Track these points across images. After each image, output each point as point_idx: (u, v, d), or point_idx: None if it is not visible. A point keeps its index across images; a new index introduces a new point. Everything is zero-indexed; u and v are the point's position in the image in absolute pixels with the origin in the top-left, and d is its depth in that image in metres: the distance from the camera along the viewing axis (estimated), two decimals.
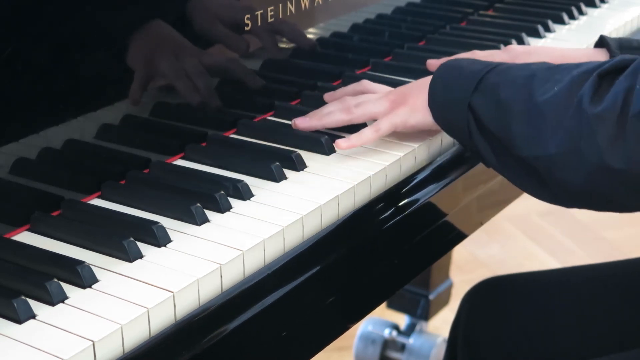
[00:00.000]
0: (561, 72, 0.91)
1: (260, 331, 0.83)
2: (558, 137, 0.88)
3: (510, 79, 0.94)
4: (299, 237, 0.91)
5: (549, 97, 0.89)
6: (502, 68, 0.97)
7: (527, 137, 0.91)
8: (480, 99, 0.96)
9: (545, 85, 0.90)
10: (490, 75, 0.96)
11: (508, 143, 0.93)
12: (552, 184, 0.91)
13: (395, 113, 1.04)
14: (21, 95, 0.88)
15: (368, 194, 0.99)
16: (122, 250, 0.84)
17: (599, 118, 0.85)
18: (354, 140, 1.03)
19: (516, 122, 0.91)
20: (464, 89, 0.97)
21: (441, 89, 1.00)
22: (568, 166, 0.88)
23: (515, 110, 0.92)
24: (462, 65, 1.01)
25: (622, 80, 0.86)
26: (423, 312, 1.94)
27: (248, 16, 1.09)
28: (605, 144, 0.85)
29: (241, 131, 1.10)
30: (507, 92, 0.93)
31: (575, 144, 0.86)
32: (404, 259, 1.02)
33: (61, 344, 0.72)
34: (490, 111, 0.95)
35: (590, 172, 0.87)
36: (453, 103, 0.98)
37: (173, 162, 1.03)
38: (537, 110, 0.90)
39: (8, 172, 0.89)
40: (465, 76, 0.98)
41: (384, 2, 1.37)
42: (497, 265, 2.45)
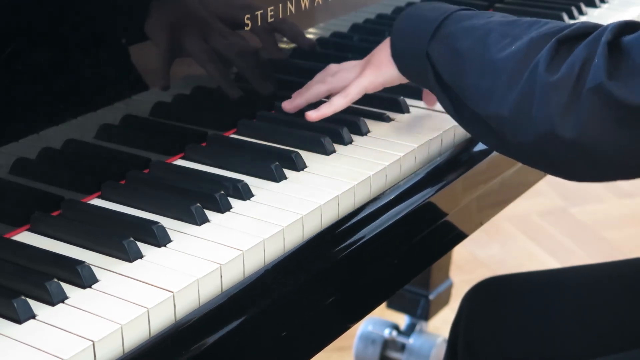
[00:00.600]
0: (520, 27, 0.90)
1: (260, 331, 0.83)
2: (511, 99, 0.87)
3: (467, 29, 0.93)
4: (299, 237, 0.91)
5: (505, 55, 0.88)
6: (460, 15, 0.96)
7: (480, 92, 0.90)
8: (436, 48, 0.95)
9: (502, 41, 0.89)
10: (448, 23, 0.96)
11: (462, 95, 0.93)
12: (504, 141, 0.91)
13: (363, 75, 1.05)
14: (21, 95, 0.88)
15: (368, 194, 0.99)
16: (122, 250, 0.84)
17: (553, 86, 0.84)
18: (323, 109, 1.05)
19: (470, 74, 0.91)
20: (422, 37, 0.96)
21: (401, 39, 1.00)
22: (519, 129, 0.87)
23: (470, 62, 0.91)
24: (421, 12, 1.00)
25: (580, 49, 0.84)
26: (423, 312, 1.94)
27: (248, 16, 1.09)
28: (557, 113, 0.84)
29: (241, 131, 1.10)
30: (463, 42, 0.93)
31: (527, 108, 0.86)
32: (403, 259, 1.01)
33: (61, 344, 0.72)
34: (446, 60, 0.94)
35: (540, 138, 0.86)
36: (413, 52, 0.98)
37: (173, 162, 1.03)
38: (492, 67, 0.89)
39: (8, 172, 0.89)
40: (423, 24, 0.97)
41: (384, 2, 1.37)
42: (497, 265, 2.45)
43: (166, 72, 1.03)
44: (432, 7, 1.00)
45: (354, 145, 1.07)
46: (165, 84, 1.03)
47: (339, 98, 1.05)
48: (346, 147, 1.07)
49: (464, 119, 0.96)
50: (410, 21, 1.00)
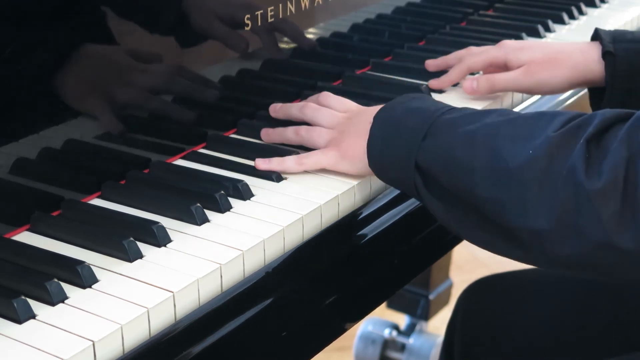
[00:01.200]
0: (526, 126, 0.83)
1: (260, 331, 0.83)
2: (549, 211, 0.79)
3: (463, 136, 0.86)
4: (299, 237, 0.91)
5: (524, 161, 0.80)
6: (448, 122, 0.88)
7: (502, 205, 0.81)
8: (429, 159, 0.87)
9: (514, 146, 0.82)
10: (436, 132, 0.88)
11: (475, 205, 0.84)
12: (538, 253, 0.82)
13: (325, 153, 0.98)
14: (21, 95, 0.88)
15: (368, 194, 0.99)
16: (122, 250, 0.84)
17: (601, 195, 0.76)
18: (273, 164, 0.99)
19: (485, 185, 0.83)
20: (407, 148, 0.88)
21: (380, 148, 0.92)
22: (563, 241, 0.79)
23: (480, 172, 0.83)
24: (399, 117, 0.91)
25: (617, 149, 0.77)
26: (423, 312, 1.94)
27: (248, 16, 1.09)
28: (611, 222, 0.76)
29: (241, 131, 1.10)
30: (464, 151, 0.85)
31: (573, 219, 0.78)
32: (403, 259, 1.01)
33: (61, 344, 0.72)
34: (445, 172, 0.86)
35: (592, 250, 0.78)
36: (396, 163, 0.90)
37: (173, 162, 1.03)
38: (512, 177, 0.81)
39: (8, 172, 0.89)
40: (405, 133, 0.89)
41: (384, 2, 1.37)
42: (497, 265, 2.45)
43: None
44: (409, 109, 0.92)
45: None
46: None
47: (293, 163, 0.99)
48: None
49: (465, 225, 0.88)
50: (388, 128, 0.91)
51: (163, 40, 1.02)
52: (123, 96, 0.98)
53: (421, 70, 1.24)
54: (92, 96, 0.95)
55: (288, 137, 1.04)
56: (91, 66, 0.94)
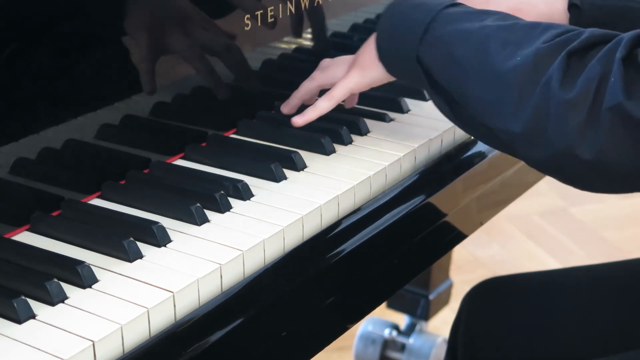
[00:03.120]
0: (520, 32, 0.87)
1: (260, 331, 0.83)
2: (523, 115, 0.84)
3: (461, 33, 0.90)
4: (299, 237, 0.91)
5: (510, 66, 0.85)
6: (449, 14, 0.92)
7: (486, 104, 0.87)
8: (429, 52, 0.92)
9: (505, 50, 0.86)
10: (437, 25, 0.92)
11: (464, 103, 0.90)
12: (513, 151, 0.89)
13: (349, 76, 1.04)
14: (21, 95, 0.88)
15: (368, 194, 0.99)
16: (122, 250, 0.84)
17: (570, 104, 0.81)
18: (309, 114, 1.04)
19: (472, 85, 0.88)
20: (409, 40, 0.93)
21: (386, 41, 0.97)
22: (532, 145, 0.85)
23: (471, 71, 0.88)
24: (405, 12, 0.96)
25: (594, 65, 0.81)
26: (423, 312, 1.94)
27: (248, 16, 1.09)
28: (575, 131, 0.81)
29: (241, 131, 1.10)
30: (459, 49, 0.89)
31: (542, 124, 0.83)
32: (403, 259, 1.01)
33: (61, 344, 0.72)
34: (442, 67, 0.91)
35: (557, 156, 0.84)
36: (401, 55, 0.95)
37: (173, 162, 1.03)
38: (498, 79, 0.86)
39: (8, 172, 0.89)
40: (409, 25, 0.94)
41: (384, 2, 1.37)
42: (497, 265, 2.45)
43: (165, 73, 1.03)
44: (415, 4, 0.96)
45: (354, 145, 1.07)
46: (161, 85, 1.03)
47: (324, 101, 1.04)
48: (346, 147, 1.07)
49: (462, 122, 0.95)
50: (395, 22, 0.97)
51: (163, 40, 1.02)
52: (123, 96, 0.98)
53: None
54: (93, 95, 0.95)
55: (307, 89, 1.08)
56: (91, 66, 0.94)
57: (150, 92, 1.01)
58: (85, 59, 0.94)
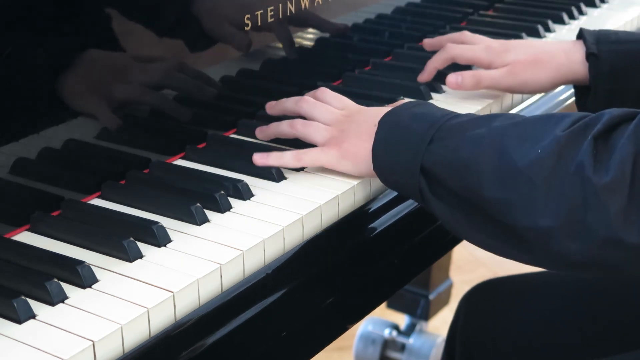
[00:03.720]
0: (535, 127, 0.84)
1: (260, 331, 0.83)
2: (556, 208, 0.79)
3: (471, 138, 0.86)
4: (299, 237, 0.91)
5: (533, 160, 0.81)
6: (454, 127, 0.88)
7: (509, 205, 0.82)
8: (436, 162, 0.87)
9: (522, 147, 0.82)
10: (443, 135, 0.88)
11: (482, 206, 0.85)
12: (543, 253, 0.83)
13: (325, 152, 0.97)
14: (21, 95, 0.88)
15: (368, 194, 0.99)
16: (122, 250, 0.84)
17: (608, 190, 0.77)
18: (271, 160, 0.98)
19: (489, 187, 0.83)
20: (412, 152, 0.88)
21: (385, 153, 0.92)
22: (570, 238, 0.80)
23: (487, 173, 0.83)
24: (403, 124, 0.91)
25: (625, 145, 0.78)
26: (423, 312, 1.94)
27: (248, 16, 1.09)
28: (618, 217, 0.77)
29: (241, 131, 1.10)
30: (472, 154, 0.85)
31: (580, 215, 0.78)
32: (403, 259, 1.01)
33: (61, 344, 0.72)
34: (453, 174, 0.86)
35: (599, 246, 0.79)
36: (400, 167, 0.90)
37: (173, 162, 1.03)
38: (521, 175, 0.81)
39: (8, 172, 0.89)
40: (410, 137, 0.89)
41: (384, 2, 1.37)
42: (497, 265, 2.45)
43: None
44: (416, 116, 0.92)
45: None
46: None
47: (292, 159, 0.98)
48: None
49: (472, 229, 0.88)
50: (394, 134, 0.91)
51: (163, 40, 1.02)
52: (123, 95, 0.98)
53: (421, 70, 1.24)
54: (92, 95, 0.95)
55: (283, 131, 1.03)
56: (91, 65, 0.94)
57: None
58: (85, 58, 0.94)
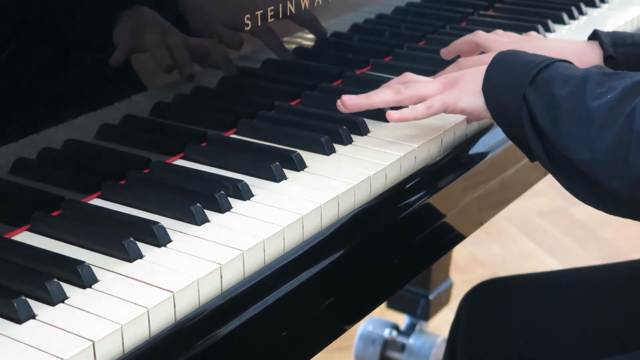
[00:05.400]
0: (618, 79, 0.91)
1: (260, 331, 0.83)
2: (606, 143, 0.87)
3: (565, 77, 0.94)
4: (299, 237, 0.91)
5: (599, 103, 0.89)
6: (560, 64, 0.97)
7: (575, 138, 0.90)
8: (534, 92, 0.96)
9: (598, 90, 0.91)
10: (548, 70, 0.96)
11: (556, 141, 0.93)
12: (598, 188, 0.91)
13: (448, 93, 1.04)
14: (21, 95, 0.88)
15: (368, 194, 0.99)
16: (122, 250, 0.84)
17: None
18: (406, 113, 1.04)
19: (565, 121, 0.91)
20: (521, 77, 0.97)
21: (497, 73, 1.00)
22: (614, 173, 0.87)
23: (565, 109, 0.92)
24: (520, 54, 1.01)
25: None
26: (423, 312, 1.94)
27: (248, 16, 1.09)
28: None
29: (241, 131, 1.10)
30: (560, 90, 0.93)
31: (624, 153, 0.86)
32: (403, 259, 1.01)
33: (61, 344, 0.72)
34: (541, 106, 0.94)
35: (636, 183, 0.86)
36: (508, 89, 0.98)
37: (173, 162, 1.03)
38: (587, 113, 0.90)
39: (8, 172, 0.89)
40: (523, 65, 0.98)
41: (384, 2, 1.37)
42: (497, 265, 2.45)
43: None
44: (529, 54, 1.01)
45: (354, 145, 1.07)
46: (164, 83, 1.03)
47: (423, 108, 1.04)
48: (346, 147, 1.07)
49: (554, 165, 0.96)
50: (510, 60, 1.00)
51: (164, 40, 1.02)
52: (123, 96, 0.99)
53: (421, 70, 1.24)
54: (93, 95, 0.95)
55: (386, 99, 1.07)
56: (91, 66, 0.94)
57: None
58: (85, 58, 0.94)
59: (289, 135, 1.07)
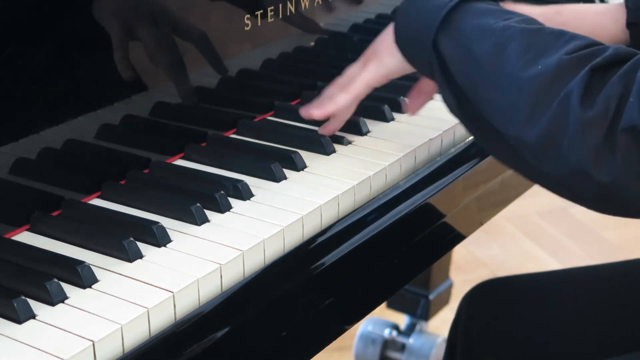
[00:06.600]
0: (545, 39, 0.84)
1: (260, 331, 0.83)
2: (538, 125, 0.81)
3: (483, 29, 0.87)
4: (299, 237, 0.91)
5: (530, 74, 0.82)
6: (472, 8, 0.90)
7: (499, 107, 0.84)
8: (446, 43, 0.89)
9: (526, 55, 0.83)
10: (459, 15, 0.89)
11: (476, 101, 0.87)
12: (527, 163, 0.85)
13: (367, 69, 1.00)
14: (21, 95, 0.88)
15: (368, 194, 0.99)
16: (122, 250, 0.84)
17: (588, 123, 0.78)
18: (326, 106, 1.02)
19: (486, 85, 0.85)
20: (428, 24, 0.90)
21: (405, 26, 0.94)
22: (544, 157, 0.82)
23: (487, 71, 0.85)
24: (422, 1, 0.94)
25: (614, 83, 0.78)
26: (423, 312, 1.94)
27: (248, 16, 1.09)
28: (591, 151, 0.78)
29: (241, 131, 1.10)
30: (478, 45, 0.86)
31: (557, 139, 0.80)
32: (403, 259, 1.01)
33: (61, 344, 0.72)
34: (458, 60, 0.88)
35: (569, 173, 0.81)
36: (418, 40, 0.92)
37: (173, 162, 1.03)
38: (514, 84, 0.83)
39: (8, 172, 0.89)
40: (430, 9, 0.91)
41: (384, 2, 1.37)
42: (497, 265, 2.45)
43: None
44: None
45: (354, 145, 1.07)
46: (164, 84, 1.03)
47: (341, 94, 1.02)
48: (346, 147, 1.07)
49: (468, 120, 0.92)
50: (415, 6, 0.94)
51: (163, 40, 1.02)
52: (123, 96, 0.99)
53: None
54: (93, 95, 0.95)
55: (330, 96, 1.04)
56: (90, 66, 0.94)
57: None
58: (85, 58, 0.94)
59: (289, 135, 1.07)
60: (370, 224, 0.97)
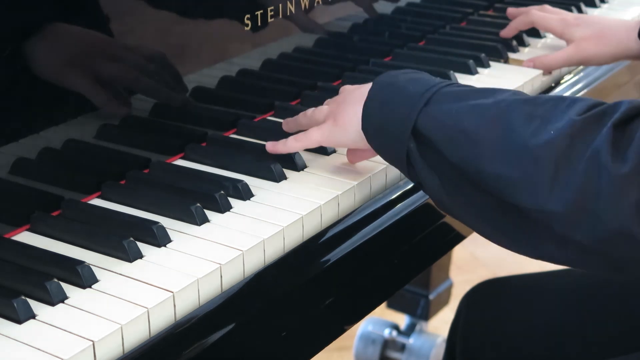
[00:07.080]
0: (545, 106, 0.81)
1: (260, 331, 0.83)
2: (564, 193, 0.76)
3: (473, 107, 0.83)
4: (299, 237, 0.91)
5: (543, 141, 0.78)
6: (452, 93, 0.86)
7: (514, 181, 0.79)
8: (431, 126, 0.84)
9: (531, 124, 0.79)
10: (441, 99, 0.86)
11: (481, 179, 0.82)
12: (545, 234, 0.80)
13: (320, 127, 0.97)
14: (21, 95, 0.88)
15: (368, 194, 0.99)
16: (122, 250, 0.84)
17: (625, 180, 0.74)
18: (278, 147, 1.00)
19: (494, 161, 0.80)
20: (405, 112, 0.86)
21: (376, 110, 0.89)
22: (576, 225, 0.77)
23: (490, 146, 0.81)
24: (399, 83, 0.89)
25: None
26: (423, 312, 1.94)
27: (248, 16, 1.09)
28: (632, 210, 0.74)
29: (241, 131, 1.11)
30: (473, 122, 0.82)
31: (590, 204, 0.75)
32: (403, 260, 1.02)
33: (61, 344, 0.72)
34: (450, 141, 0.83)
35: (608, 237, 0.76)
36: (391, 128, 0.87)
37: (173, 162, 1.03)
38: (528, 154, 0.78)
39: (8, 172, 0.89)
40: (405, 97, 0.87)
41: (383, 2, 1.37)
42: (497, 265, 2.45)
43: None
44: (412, 78, 0.90)
45: None
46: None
47: (293, 141, 0.99)
48: None
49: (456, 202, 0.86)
50: (390, 93, 0.89)
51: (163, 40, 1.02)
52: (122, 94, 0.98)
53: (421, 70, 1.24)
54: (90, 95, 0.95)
55: (300, 122, 1.04)
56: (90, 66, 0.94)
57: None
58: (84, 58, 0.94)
59: (289, 135, 1.07)
60: (370, 223, 0.97)
